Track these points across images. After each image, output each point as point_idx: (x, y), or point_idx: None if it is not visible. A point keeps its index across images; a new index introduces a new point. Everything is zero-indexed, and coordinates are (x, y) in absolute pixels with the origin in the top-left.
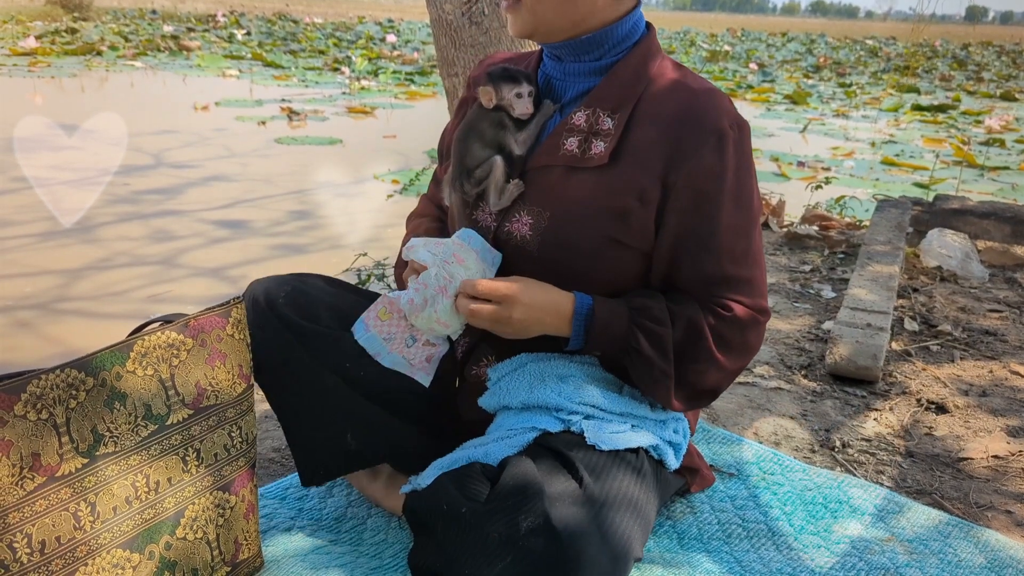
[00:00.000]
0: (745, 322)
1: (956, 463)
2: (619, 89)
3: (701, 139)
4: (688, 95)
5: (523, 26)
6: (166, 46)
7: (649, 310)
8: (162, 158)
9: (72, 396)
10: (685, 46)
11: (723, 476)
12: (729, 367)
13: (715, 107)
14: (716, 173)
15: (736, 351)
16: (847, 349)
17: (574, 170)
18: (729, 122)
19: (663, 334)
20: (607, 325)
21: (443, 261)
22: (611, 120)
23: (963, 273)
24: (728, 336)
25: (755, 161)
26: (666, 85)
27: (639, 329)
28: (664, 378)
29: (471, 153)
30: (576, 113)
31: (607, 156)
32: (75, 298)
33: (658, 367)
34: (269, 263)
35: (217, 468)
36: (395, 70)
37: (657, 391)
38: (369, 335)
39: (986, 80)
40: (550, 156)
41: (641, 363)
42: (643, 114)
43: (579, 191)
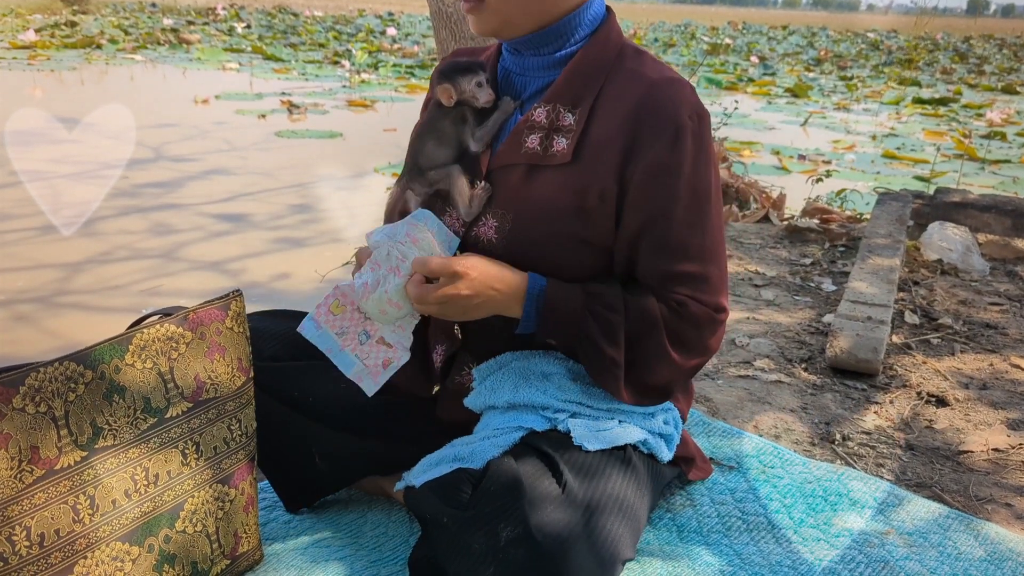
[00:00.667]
0: (700, 319)
1: (956, 456)
2: (579, 82)
3: (658, 132)
4: (646, 86)
5: (487, 25)
6: (166, 39)
7: (603, 296)
8: (162, 151)
9: (71, 389)
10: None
11: (723, 469)
12: (682, 364)
13: (673, 98)
14: (672, 167)
15: (690, 348)
16: (847, 342)
17: (536, 168)
18: (688, 113)
19: (615, 321)
20: (558, 308)
21: (397, 242)
22: (572, 115)
23: (964, 266)
24: (681, 332)
25: (756, 154)
26: (625, 76)
27: (591, 315)
28: (614, 367)
29: (425, 152)
30: (536, 109)
31: (570, 153)
32: (75, 292)
33: (608, 355)
34: (269, 257)
35: (216, 461)
36: (395, 63)
37: (606, 380)
38: (321, 332)
39: (987, 73)
40: (512, 155)
41: (591, 349)
42: (603, 108)
43: (542, 190)
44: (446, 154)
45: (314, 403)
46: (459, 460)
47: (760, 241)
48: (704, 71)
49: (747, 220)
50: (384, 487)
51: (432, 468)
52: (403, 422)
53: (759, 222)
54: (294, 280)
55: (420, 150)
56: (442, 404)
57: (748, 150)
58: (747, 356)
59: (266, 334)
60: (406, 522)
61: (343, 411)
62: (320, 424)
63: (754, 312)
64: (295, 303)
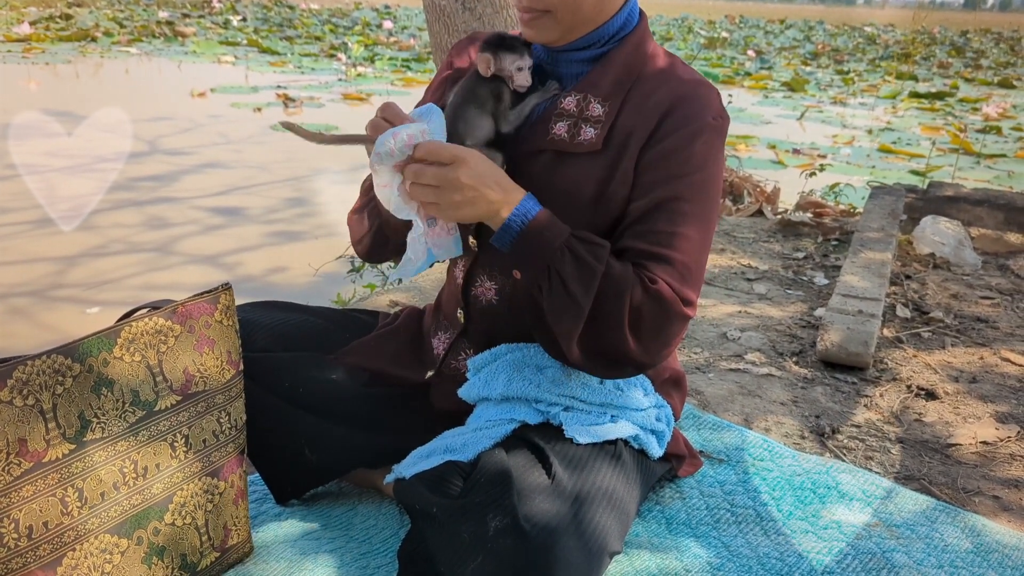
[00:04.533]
0: (666, 302)
1: (945, 449)
2: (612, 77)
3: (680, 124)
4: (678, 84)
5: (547, 35)
6: (161, 32)
7: (588, 241)
8: (157, 145)
9: (59, 382)
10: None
11: (713, 462)
12: (632, 349)
13: (701, 98)
14: (685, 157)
15: (645, 335)
16: (838, 336)
17: (563, 155)
18: (712, 114)
19: (595, 269)
20: (542, 234)
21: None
22: (601, 107)
23: (956, 260)
24: (646, 313)
25: (752, 148)
26: (657, 75)
27: (570, 252)
28: (576, 313)
29: (467, 119)
30: (567, 98)
31: (600, 143)
32: (70, 285)
33: (575, 299)
34: (264, 250)
35: (206, 454)
36: (391, 56)
37: (563, 325)
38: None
39: (984, 67)
40: (539, 141)
41: (558, 288)
42: (632, 102)
43: (567, 177)
44: (485, 125)
45: (304, 394)
46: (450, 452)
47: (753, 235)
48: (701, 65)
49: (741, 214)
50: (374, 480)
51: (423, 460)
52: (394, 413)
53: (752, 216)
54: (289, 274)
55: (461, 116)
56: (436, 391)
57: (744, 144)
58: (738, 349)
59: (257, 325)
60: (396, 515)
61: (334, 402)
62: (310, 415)
63: (746, 306)
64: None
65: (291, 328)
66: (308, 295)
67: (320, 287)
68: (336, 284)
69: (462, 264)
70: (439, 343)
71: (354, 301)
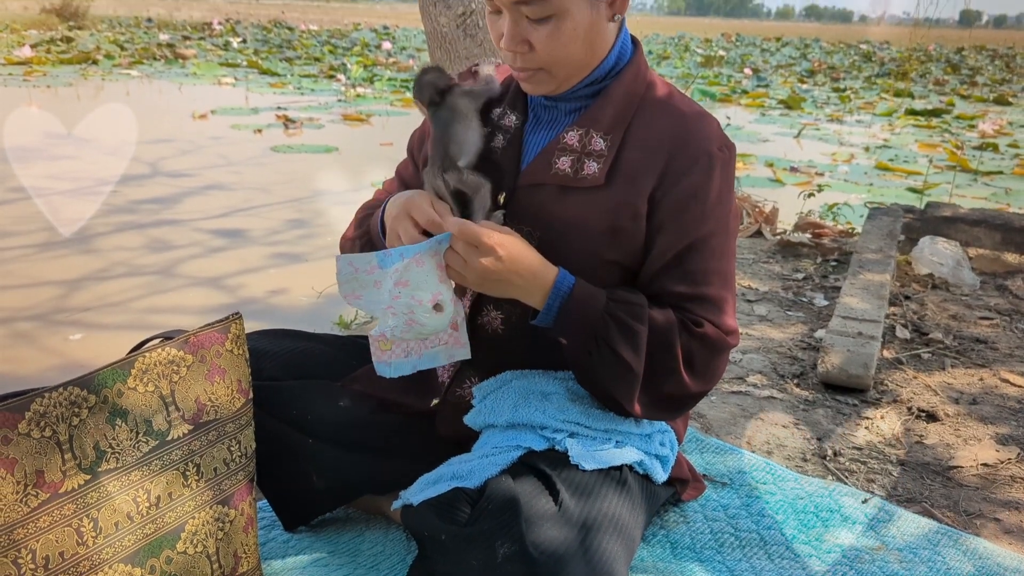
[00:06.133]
0: (714, 343)
1: (946, 471)
2: (612, 111)
3: (691, 161)
4: (679, 119)
5: (543, 88)
6: (162, 54)
7: (629, 305)
8: (159, 167)
9: (75, 413)
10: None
11: (716, 485)
12: (690, 386)
13: (705, 130)
14: (702, 193)
15: (699, 371)
16: (838, 358)
17: (567, 190)
18: (719, 145)
19: (639, 331)
20: (583, 307)
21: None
22: (603, 141)
23: (954, 280)
24: (695, 353)
25: (750, 166)
26: (658, 108)
27: (612, 320)
28: (631, 377)
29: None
30: (568, 132)
31: (602, 177)
32: (73, 309)
33: (625, 363)
34: (266, 272)
35: (217, 482)
36: (391, 77)
37: (620, 389)
38: (394, 364)
39: (980, 84)
40: (541, 174)
41: (610, 355)
42: (635, 136)
43: (572, 211)
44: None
45: (312, 421)
46: (457, 478)
47: (753, 256)
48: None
49: (740, 235)
50: (381, 506)
51: (430, 486)
52: (401, 439)
53: (752, 236)
54: (292, 296)
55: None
56: (441, 418)
57: (742, 162)
58: (740, 372)
59: (266, 354)
60: (403, 541)
61: (341, 429)
62: (318, 442)
63: (747, 327)
64: (293, 318)
65: (299, 356)
66: (310, 317)
67: (322, 309)
68: (338, 306)
69: (469, 293)
70: (444, 371)
71: (356, 323)
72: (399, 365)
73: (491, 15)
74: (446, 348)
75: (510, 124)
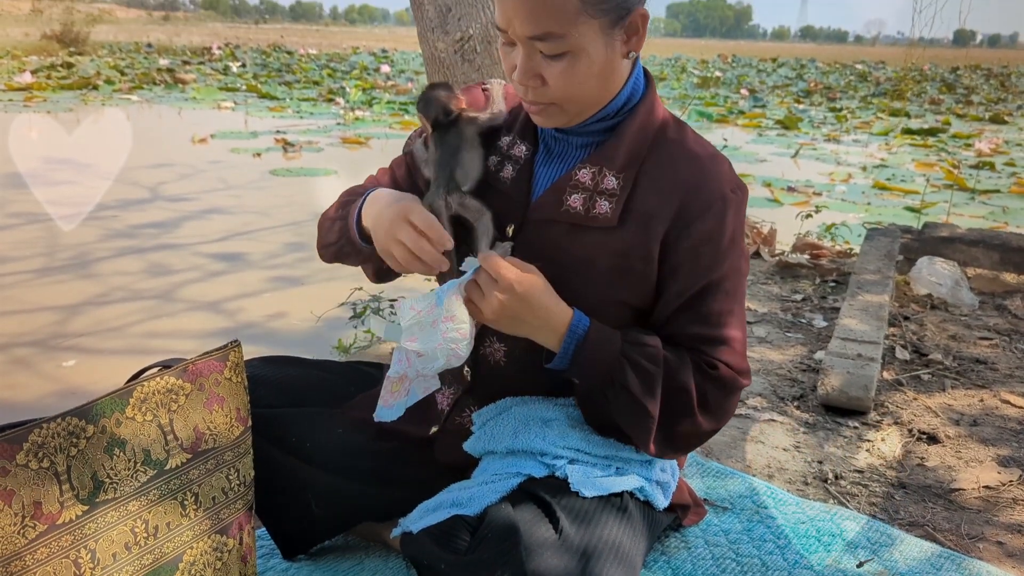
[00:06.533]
0: (728, 383)
1: (948, 494)
2: (625, 149)
3: (706, 205)
4: (693, 160)
5: (555, 122)
6: (162, 79)
7: (644, 347)
8: (158, 192)
9: (73, 444)
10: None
11: (717, 510)
12: (703, 425)
13: (718, 173)
14: (716, 237)
15: (712, 412)
16: (838, 380)
17: (578, 228)
18: (731, 187)
19: (655, 373)
20: (598, 350)
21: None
22: (615, 180)
23: (953, 301)
24: (711, 396)
25: (748, 186)
26: (669, 147)
27: (629, 363)
28: (647, 419)
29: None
30: (581, 170)
31: (615, 218)
32: (72, 334)
33: (643, 406)
34: (265, 296)
35: (215, 511)
36: (389, 100)
37: (637, 430)
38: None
39: (975, 103)
40: (552, 210)
41: (625, 398)
42: (647, 175)
43: (583, 250)
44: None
45: (311, 448)
46: (456, 505)
47: (752, 277)
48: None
49: None
50: (381, 533)
51: (429, 514)
52: (400, 466)
53: (750, 257)
54: (290, 319)
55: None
56: (440, 446)
57: None
58: (740, 395)
59: (264, 381)
60: (402, 569)
61: (340, 456)
62: (317, 469)
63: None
64: (291, 343)
65: (297, 383)
66: (309, 341)
67: (321, 332)
68: (337, 330)
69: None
70: (443, 398)
71: (355, 347)
72: (400, 406)
73: (504, 46)
74: (422, 380)
75: (520, 154)
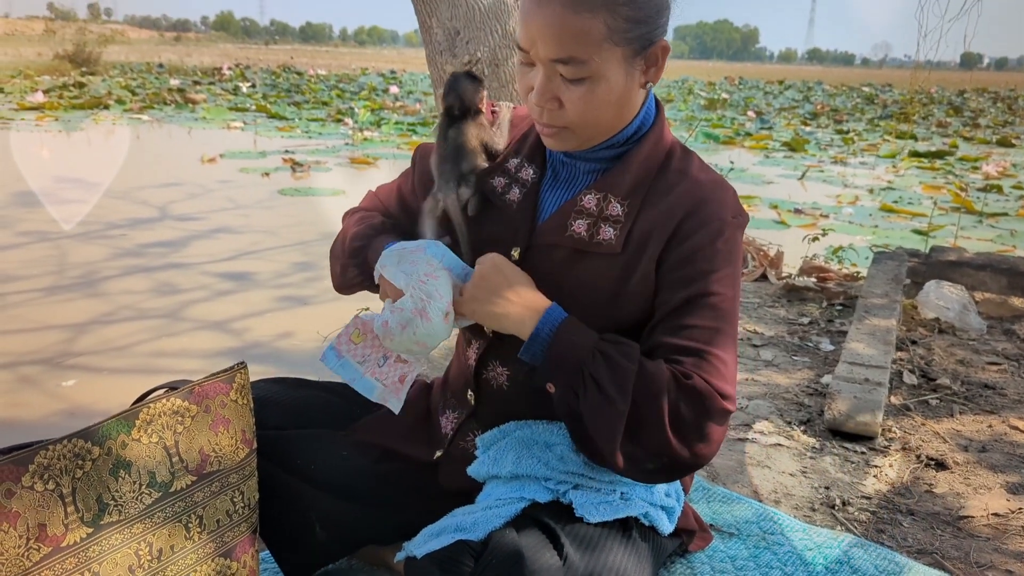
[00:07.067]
0: (703, 398)
1: (957, 521)
2: (632, 176)
3: (701, 223)
4: (696, 186)
5: (566, 145)
6: (172, 99)
7: (619, 343)
8: (167, 210)
9: (79, 466)
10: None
11: (723, 536)
12: (676, 449)
13: (719, 198)
14: (707, 252)
15: (686, 434)
16: (846, 404)
17: (582, 253)
18: (732, 213)
19: (627, 368)
20: (573, 337)
21: (418, 280)
22: (620, 206)
23: (961, 325)
24: (684, 410)
25: (754, 208)
26: (674, 174)
27: (602, 356)
28: (616, 417)
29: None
30: (587, 196)
31: (619, 245)
32: (79, 353)
33: (612, 402)
34: (272, 315)
35: (219, 534)
36: (398, 121)
37: (603, 430)
38: (342, 361)
39: (983, 126)
40: (557, 235)
41: (595, 393)
42: (651, 202)
43: (585, 274)
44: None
45: (315, 471)
46: (460, 530)
47: (758, 300)
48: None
49: (745, 278)
50: (385, 557)
51: (433, 538)
52: (404, 489)
53: (757, 280)
54: (297, 339)
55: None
56: (444, 470)
57: (746, 204)
58: (746, 418)
59: (269, 402)
60: None
61: (345, 479)
62: (321, 491)
63: (753, 373)
64: (298, 363)
65: (302, 404)
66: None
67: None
68: None
69: (476, 346)
70: (447, 422)
71: None
72: (346, 365)
73: (522, 66)
74: (384, 389)
75: (527, 178)
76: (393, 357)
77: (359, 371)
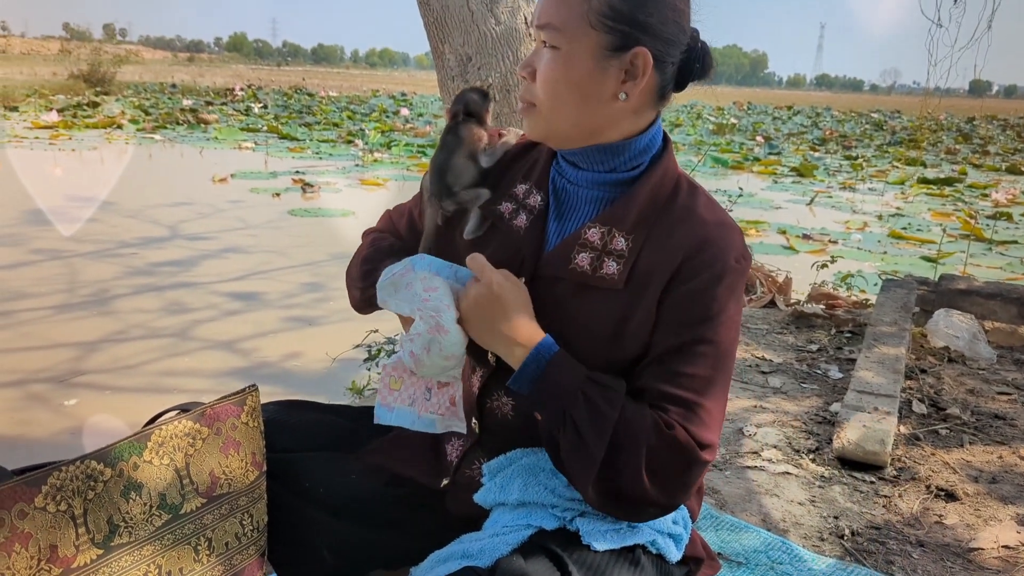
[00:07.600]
0: (683, 449)
1: (967, 553)
2: (637, 210)
3: (704, 265)
4: (701, 226)
5: (536, 131)
6: (185, 119)
7: (604, 386)
8: (177, 230)
9: (91, 487)
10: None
11: (731, 564)
12: (650, 494)
13: (724, 241)
14: (706, 297)
15: (663, 483)
16: (855, 433)
17: (584, 288)
18: (735, 256)
19: (607, 415)
20: (560, 375)
21: (421, 301)
22: (624, 241)
23: (971, 354)
24: (662, 459)
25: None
26: (680, 212)
27: (584, 397)
28: (588, 460)
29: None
30: (591, 229)
31: (622, 281)
32: (89, 371)
33: (587, 446)
34: (281, 335)
35: (228, 557)
36: (408, 143)
37: (575, 470)
38: (395, 411)
39: (992, 153)
40: (560, 268)
41: (571, 434)
42: (654, 239)
43: (588, 310)
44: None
45: (324, 494)
46: (467, 557)
47: (767, 326)
48: (711, 151)
49: (753, 305)
50: None
51: (440, 564)
52: (413, 514)
53: (765, 307)
54: (305, 360)
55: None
56: (451, 497)
57: (755, 229)
58: (755, 446)
59: (279, 425)
60: None
61: (353, 503)
62: (330, 515)
63: (761, 400)
64: (306, 383)
65: (312, 427)
66: (323, 382)
67: (336, 373)
68: (352, 371)
69: (479, 375)
70: (452, 450)
71: (369, 389)
72: (401, 413)
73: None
74: (442, 418)
75: (535, 204)
76: (435, 386)
77: (414, 413)
